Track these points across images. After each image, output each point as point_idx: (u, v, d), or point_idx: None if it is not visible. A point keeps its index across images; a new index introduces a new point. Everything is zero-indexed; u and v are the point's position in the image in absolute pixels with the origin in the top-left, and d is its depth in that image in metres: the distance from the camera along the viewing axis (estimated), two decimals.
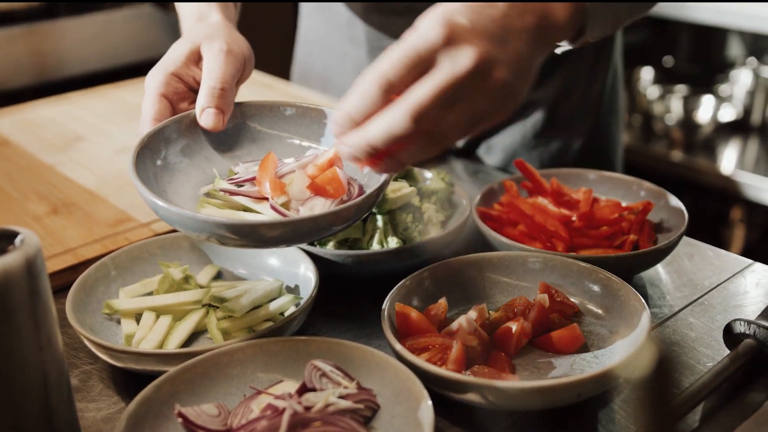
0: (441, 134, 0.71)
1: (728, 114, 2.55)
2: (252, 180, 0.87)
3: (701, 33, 2.81)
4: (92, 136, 1.39)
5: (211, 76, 0.89)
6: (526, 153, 1.41)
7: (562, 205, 1.03)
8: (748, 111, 2.57)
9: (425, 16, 0.73)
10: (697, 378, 0.77)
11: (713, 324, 0.89)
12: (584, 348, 0.83)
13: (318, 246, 0.95)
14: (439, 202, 1.06)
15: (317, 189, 0.84)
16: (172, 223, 0.78)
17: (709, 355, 0.84)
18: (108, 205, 1.14)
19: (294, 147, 0.94)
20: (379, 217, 0.96)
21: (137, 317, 0.89)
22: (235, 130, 0.94)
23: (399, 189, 0.98)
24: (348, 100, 0.73)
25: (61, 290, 0.96)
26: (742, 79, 2.56)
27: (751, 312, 0.91)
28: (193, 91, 0.93)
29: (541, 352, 0.83)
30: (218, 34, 0.92)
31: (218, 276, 0.98)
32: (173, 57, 0.91)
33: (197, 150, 0.91)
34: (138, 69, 1.99)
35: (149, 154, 0.86)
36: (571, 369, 0.80)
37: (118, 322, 0.89)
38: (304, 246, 0.94)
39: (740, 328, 0.81)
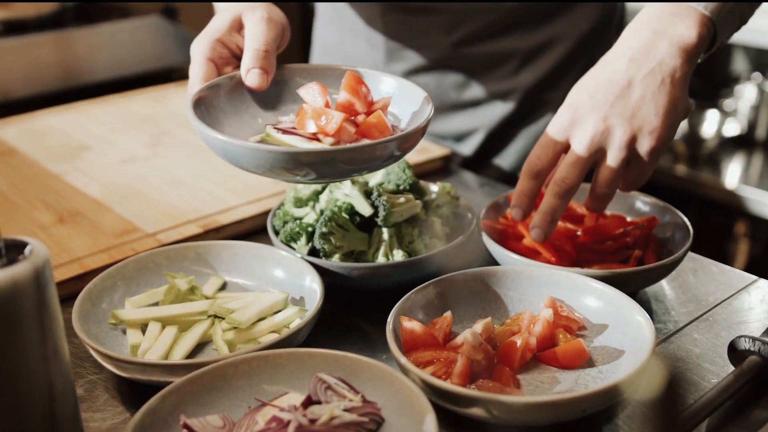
0: (599, 195, 0.93)
1: (733, 129, 2.55)
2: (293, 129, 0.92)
3: None
4: (98, 146, 1.39)
5: (254, 39, 0.95)
6: None
7: (567, 220, 1.04)
8: (752, 126, 2.57)
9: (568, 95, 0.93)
10: (702, 394, 0.77)
11: (718, 340, 0.89)
12: (589, 363, 0.83)
13: (323, 258, 0.95)
14: (445, 216, 1.06)
15: (363, 133, 0.89)
16: (238, 159, 0.82)
17: (714, 371, 0.84)
18: (114, 214, 1.14)
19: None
20: (384, 230, 0.97)
21: (143, 327, 0.89)
22: (278, 90, 0.99)
23: (405, 202, 0.98)
24: (517, 186, 0.93)
25: (67, 300, 0.96)
26: (746, 94, 2.56)
27: (756, 328, 0.91)
28: (235, 57, 0.99)
29: (546, 367, 0.83)
30: (258, 5, 0.98)
31: (224, 287, 0.98)
32: (217, 25, 0.97)
33: (243, 108, 0.96)
34: (144, 79, 2.00)
35: (203, 107, 0.91)
36: (576, 384, 0.80)
37: (124, 332, 0.89)
38: (310, 258, 0.94)
39: (745, 344, 0.81)
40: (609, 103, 0.89)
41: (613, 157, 0.89)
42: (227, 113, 0.94)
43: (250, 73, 0.94)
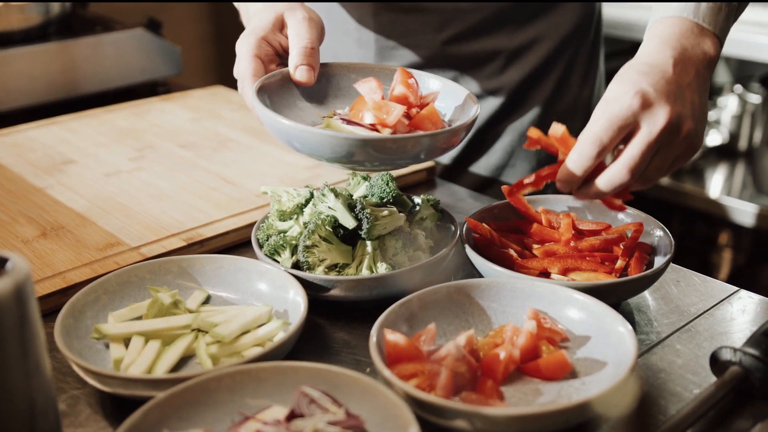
0: (646, 177, 0.91)
1: (715, 139, 2.57)
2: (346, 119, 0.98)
3: None
4: (82, 159, 1.39)
5: (300, 38, 1.00)
6: (524, 151, 1.48)
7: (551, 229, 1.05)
8: (734, 136, 2.59)
9: (617, 86, 0.91)
10: (684, 405, 0.77)
11: (700, 351, 0.90)
12: (572, 375, 0.83)
13: (307, 271, 0.95)
14: (428, 228, 1.06)
15: (416, 125, 0.94)
16: (308, 145, 0.88)
17: (696, 382, 0.85)
18: (97, 228, 1.14)
19: None
20: (368, 243, 0.97)
21: (126, 342, 0.89)
22: (321, 86, 1.06)
23: (388, 215, 0.98)
24: (571, 159, 0.90)
25: (50, 314, 0.96)
26: (728, 105, 2.58)
27: (737, 339, 0.92)
28: (278, 54, 1.04)
29: (529, 379, 0.83)
30: (296, 6, 1.04)
31: (207, 301, 0.98)
32: (261, 24, 1.02)
33: (292, 102, 1.02)
34: (128, 92, 2.00)
35: (265, 96, 0.97)
36: (559, 396, 0.81)
37: (107, 346, 0.89)
38: (294, 271, 0.94)
39: (726, 355, 0.82)
40: (672, 100, 0.89)
41: (675, 147, 0.91)
42: (280, 106, 1.00)
43: (299, 69, 1.00)
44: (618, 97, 0.89)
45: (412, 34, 1.42)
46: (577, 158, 0.90)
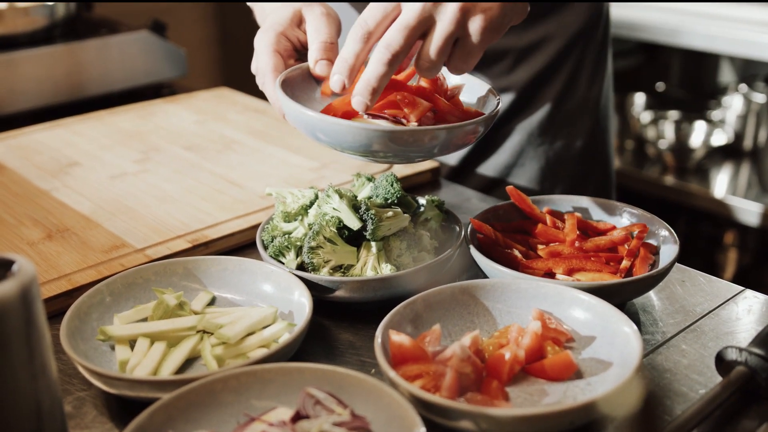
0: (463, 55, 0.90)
1: (720, 139, 2.56)
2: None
3: (693, 59, 2.84)
4: (87, 162, 1.39)
5: (319, 32, 1.00)
6: (533, 150, 1.47)
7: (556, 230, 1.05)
8: (739, 136, 2.58)
9: None
10: (690, 405, 0.77)
11: (705, 351, 0.90)
12: (577, 375, 0.83)
13: (312, 272, 0.95)
14: (433, 229, 1.06)
15: (441, 118, 0.95)
16: (333, 137, 0.88)
17: (702, 382, 0.85)
18: (103, 230, 1.14)
19: None
20: (373, 244, 0.97)
21: (131, 343, 0.89)
22: None
23: (393, 216, 0.98)
24: (338, 61, 0.90)
25: (55, 316, 0.96)
26: (733, 105, 2.58)
27: (743, 339, 0.92)
28: (296, 50, 1.04)
29: (535, 380, 0.83)
30: (313, 2, 1.04)
31: (212, 302, 0.98)
32: (279, 20, 1.02)
33: (312, 96, 1.02)
34: (133, 95, 2.00)
35: (288, 89, 0.97)
36: (564, 396, 0.81)
37: (113, 348, 0.89)
38: (298, 272, 0.94)
39: (732, 355, 0.82)
40: None
41: (442, 29, 0.88)
42: (301, 99, 0.99)
43: (319, 64, 0.99)
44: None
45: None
46: (344, 50, 0.91)
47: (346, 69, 0.91)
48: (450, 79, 1.03)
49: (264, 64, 1.00)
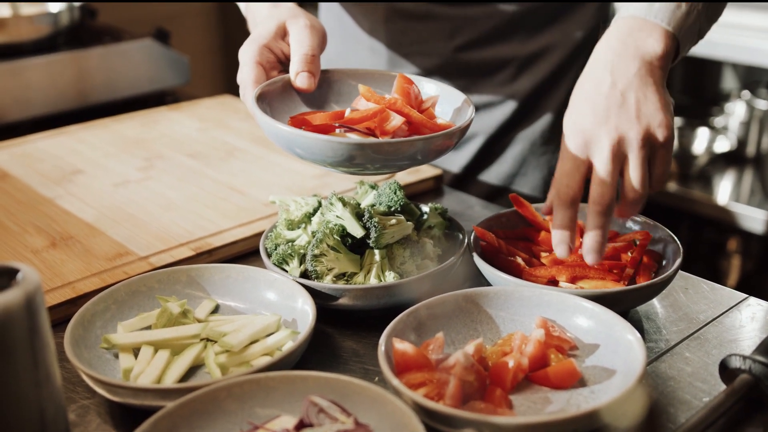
0: (637, 186, 0.92)
1: (723, 145, 2.56)
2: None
3: (695, 66, 2.84)
4: (91, 170, 1.40)
5: (301, 45, 1.02)
6: (536, 159, 1.48)
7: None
8: (742, 142, 2.58)
9: (565, 127, 0.94)
10: (694, 413, 0.77)
11: (709, 359, 0.90)
12: (581, 383, 0.83)
13: (315, 280, 0.96)
14: (436, 237, 1.06)
15: (416, 130, 0.96)
16: (310, 150, 0.89)
17: (705, 390, 0.85)
18: (106, 238, 1.14)
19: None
20: (376, 252, 0.97)
21: (135, 351, 0.89)
22: (322, 92, 1.07)
23: (396, 223, 0.98)
24: (557, 231, 0.93)
25: (59, 324, 0.96)
26: (736, 111, 2.57)
27: (747, 347, 0.92)
28: (280, 62, 1.05)
29: (538, 388, 0.83)
30: (299, 14, 1.06)
31: (216, 310, 0.98)
32: (263, 32, 1.03)
33: (293, 107, 1.03)
34: (136, 102, 2.01)
35: (265, 102, 0.98)
36: (568, 404, 0.81)
37: (116, 356, 0.89)
38: (302, 280, 0.95)
39: (736, 363, 0.82)
40: (613, 114, 0.91)
41: (636, 158, 0.90)
42: (281, 112, 1.01)
43: (300, 76, 1.01)
44: (565, 139, 0.93)
45: (423, 41, 1.42)
46: (556, 220, 0.93)
47: (567, 237, 0.93)
48: (424, 89, 1.05)
49: (245, 76, 1.01)
